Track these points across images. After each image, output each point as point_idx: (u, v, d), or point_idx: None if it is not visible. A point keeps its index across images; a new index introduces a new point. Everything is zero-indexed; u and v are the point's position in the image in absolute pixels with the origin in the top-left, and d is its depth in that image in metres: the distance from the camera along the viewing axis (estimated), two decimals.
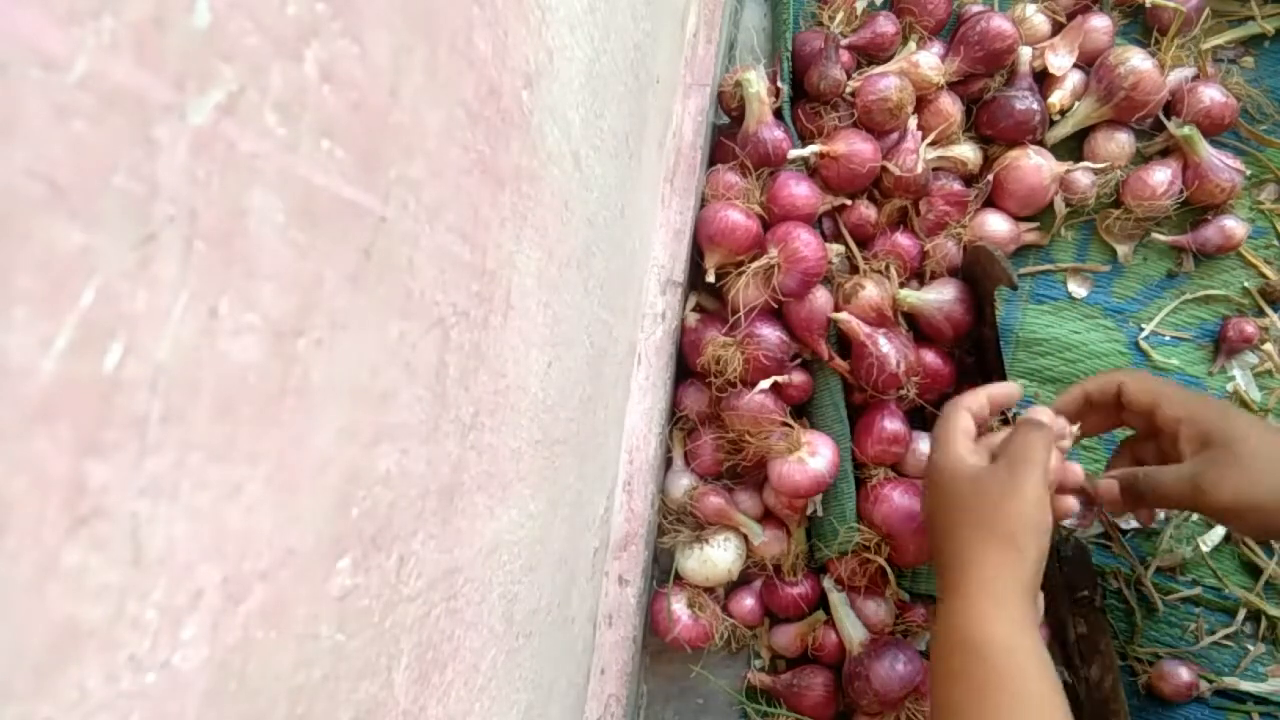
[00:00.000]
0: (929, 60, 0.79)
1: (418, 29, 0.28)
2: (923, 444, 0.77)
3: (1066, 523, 0.78)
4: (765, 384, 0.71)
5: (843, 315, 0.73)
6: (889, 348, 0.71)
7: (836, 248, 0.77)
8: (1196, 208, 0.81)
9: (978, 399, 0.62)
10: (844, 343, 0.76)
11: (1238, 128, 0.82)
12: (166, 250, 0.18)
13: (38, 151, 0.15)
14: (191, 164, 0.19)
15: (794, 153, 0.77)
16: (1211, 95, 0.79)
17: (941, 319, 0.76)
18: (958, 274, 0.79)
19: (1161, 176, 0.79)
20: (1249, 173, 0.81)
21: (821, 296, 0.74)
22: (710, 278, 0.74)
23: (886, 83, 0.77)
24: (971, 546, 0.54)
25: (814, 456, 0.70)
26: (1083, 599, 0.72)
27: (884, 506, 0.72)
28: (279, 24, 0.21)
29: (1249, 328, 0.79)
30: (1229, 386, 0.80)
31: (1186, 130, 0.78)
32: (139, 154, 0.17)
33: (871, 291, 0.74)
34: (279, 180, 0.22)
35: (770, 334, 0.72)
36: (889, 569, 0.73)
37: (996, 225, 0.79)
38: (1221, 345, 0.80)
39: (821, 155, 0.77)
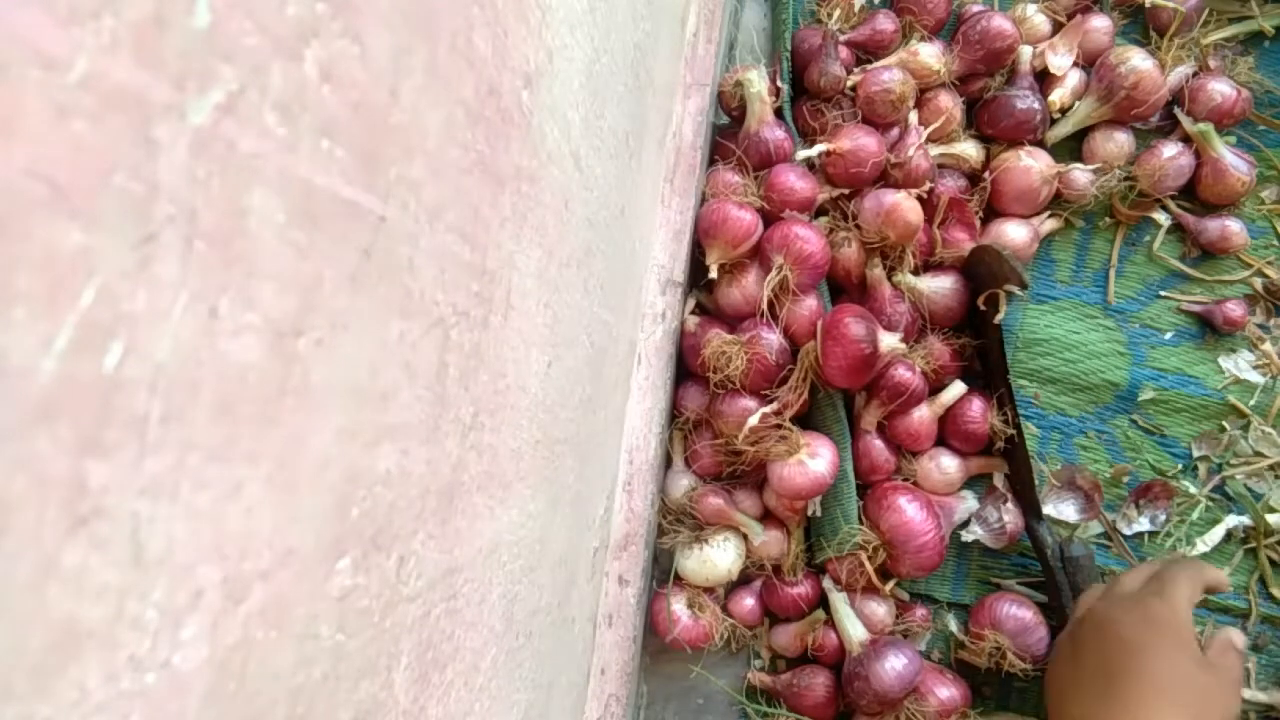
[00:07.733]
0: (929, 50, 0.79)
1: (418, 29, 0.28)
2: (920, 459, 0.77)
3: (1067, 521, 0.78)
4: (754, 419, 0.71)
5: None
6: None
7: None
8: (1214, 205, 0.81)
9: (1197, 589, 0.64)
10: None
11: (1252, 118, 0.81)
12: (166, 250, 0.18)
13: (38, 151, 0.15)
14: (191, 164, 0.19)
15: (801, 154, 0.77)
16: (1222, 90, 0.79)
17: (935, 305, 0.76)
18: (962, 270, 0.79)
19: (1171, 150, 0.79)
20: (1257, 169, 0.81)
21: (812, 301, 0.74)
22: (713, 273, 0.74)
23: (889, 74, 0.77)
24: None
25: (814, 459, 0.70)
26: None
27: (894, 516, 0.71)
28: (279, 24, 0.21)
29: (1236, 311, 0.79)
30: (1225, 367, 0.80)
31: (1202, 127, 0.78)
32: (139, 154, 0.17)
33: (850, 251, 0.76)
34: (279, 180, 0.22)
35: (772, 337, 0.72)
36: (874, 576, 0.73)
37: (1015, 233, 0.79)
38: (1208, 330, 0.80)
39: (828, 154, 0.77)
